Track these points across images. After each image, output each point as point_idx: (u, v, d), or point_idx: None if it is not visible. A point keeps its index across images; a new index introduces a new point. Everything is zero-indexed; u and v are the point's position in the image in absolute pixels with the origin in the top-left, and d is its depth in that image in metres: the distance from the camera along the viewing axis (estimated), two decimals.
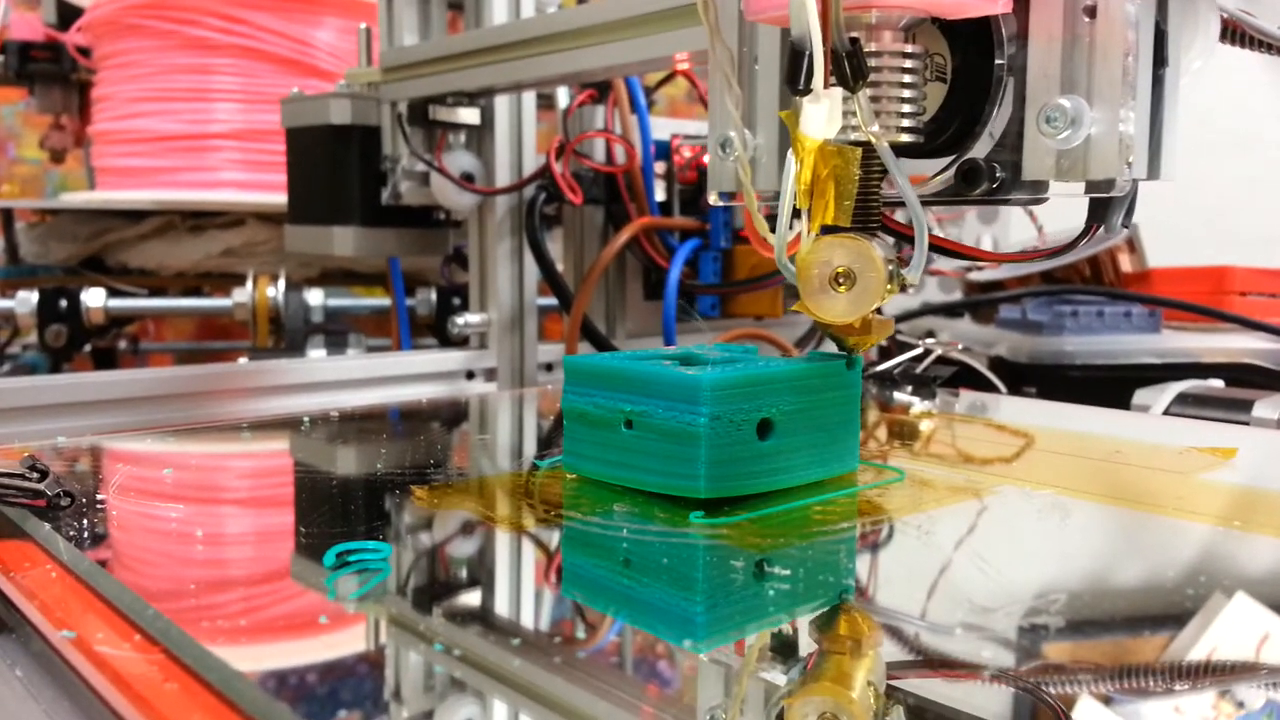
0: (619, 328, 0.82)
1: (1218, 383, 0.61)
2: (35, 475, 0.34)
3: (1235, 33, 0.35)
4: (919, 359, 0.64)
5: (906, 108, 0.34)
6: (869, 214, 0.34)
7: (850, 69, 0.30)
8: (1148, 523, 0.35)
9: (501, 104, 0.75)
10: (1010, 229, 1.12)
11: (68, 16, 1.26)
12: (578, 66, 0.61)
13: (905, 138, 0.34)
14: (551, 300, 0.81)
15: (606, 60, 0.59)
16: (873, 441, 0.47)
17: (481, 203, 0.76)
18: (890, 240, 0.34)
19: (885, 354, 0.71)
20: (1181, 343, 0.79)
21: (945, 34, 0.34)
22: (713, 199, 0.40)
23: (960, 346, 0.66)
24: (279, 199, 0.93)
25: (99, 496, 0.36)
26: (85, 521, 0.33)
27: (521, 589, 0.31)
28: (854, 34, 0.32)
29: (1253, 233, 1.42)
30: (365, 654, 0.26)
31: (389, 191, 0.75)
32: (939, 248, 0.37)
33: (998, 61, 0.34)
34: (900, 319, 0.90)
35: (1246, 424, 0.53)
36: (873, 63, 0.33)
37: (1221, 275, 0.91)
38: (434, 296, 1.09)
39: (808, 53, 0.30)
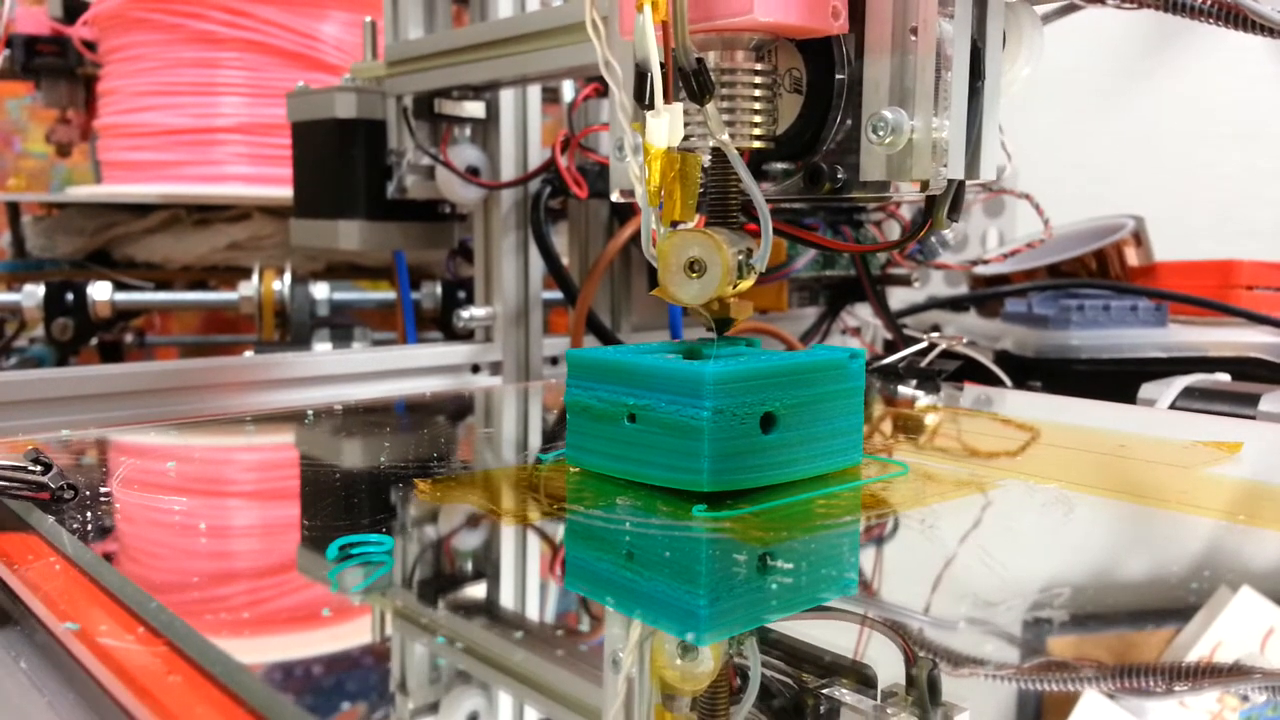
0: (624, 321, 0.82)
1: (1224, 377, 0.60)
2: (39, 468, 0.34)
3: (1236, 17, 0.35)
4: (924, 353, 0.64)
5: (757, 118, 0.38)
6: (728, 210, 0.38)
7: (697, 85, 0.34)
8: (1153, 517, 0.35)
9: (506, 98, 0.75)
10: (1017, 223, 1.12)
11: (74, 10, 1.26)
12: (583, 60, 0.61)
13: (757, 144, 0.38)
14: (557, 294, 0.81)
15: None
16: (877, 435, 0.47)
17: (487, 197, 0.75)
18: (747, 235, 0.38)
19: (891, 348, 0.71)
20: (1187, 337, 0.78)
21: (800, 51, 0.38)
22: (614, 196, 0.43)
23: (965, 340, 0.66)
24: (285, 193, 0.93)
25: (103, 489, 0.36)
26: (89, 514, 0.33)
27: (524, 582, 0.31)
28: (701, 54, 0.35)
29: (1259, 226, 1.42)
30: (368, 647, 0.26)
31: (394, 185, 0.75)
32: (787, 235, 0.42)
33: (838, 76, 0.37)
34: (905, 313, 0.90)
35: (1253, 418, 0.53)
36: (725, 78, 0.37)
37: (1228, 269, 0.91)
38: (439, 290, 1.09)
39: (649, 72, 0.34)
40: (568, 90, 0.90)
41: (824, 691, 0.22)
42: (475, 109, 0.75)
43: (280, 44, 1.13)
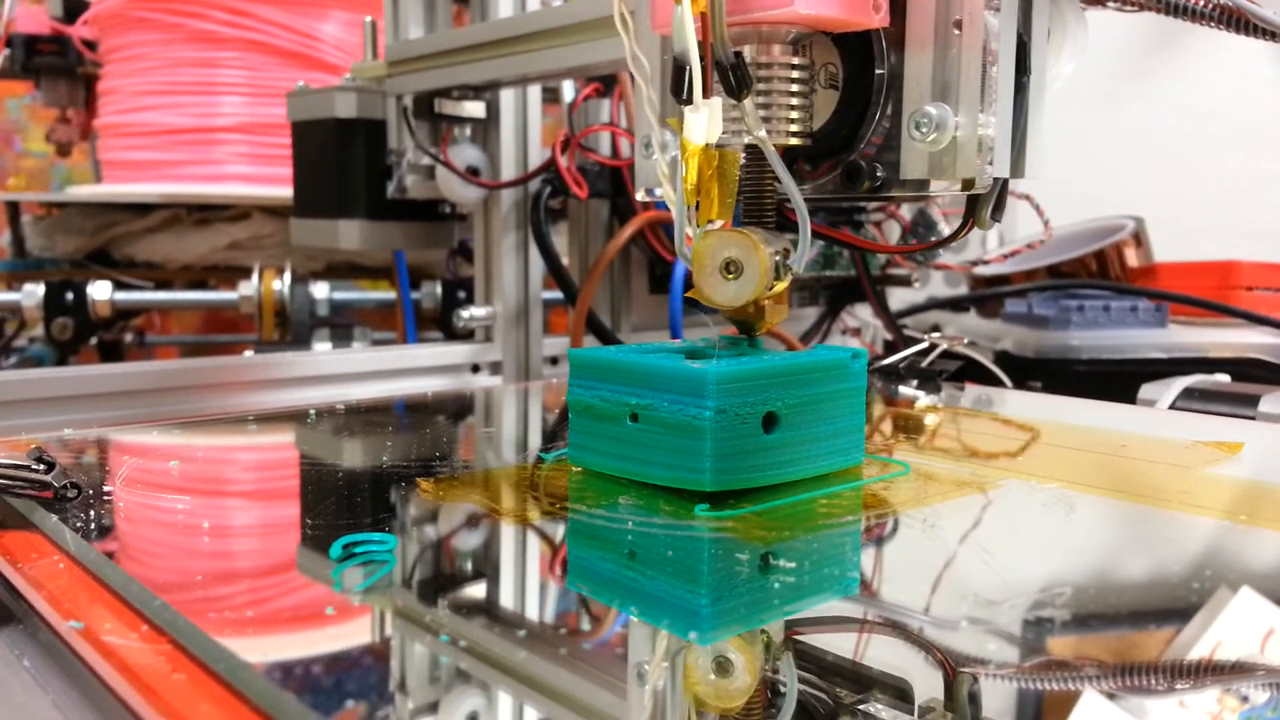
0: (624, 321, 0.82)
1: (1224, 377, 0.61)
2: (42, 467, 0.34)
3: (1236, 20, 0.35)
4: (924, 353, 0.64)
5: (795, 114, 0.37)
6: (763, 210, 0.37)
7: (735, 80, 0.33)
8: (1153, 517, 0.35)
9: (507, 97, 0.75)
10: (1017, 224, 1.12)
11: (74, 10, 1.27)
12: (583, 60, 0.61)
13: (794, 141, 0.37)
14: (556, 294, 0.81)
15: (612, 53, 0.59)
16: (878, 435, 0.47)
17: (487, 196, 0.76)
18: (783, 235, 0.37)
19: (891, 348, 0.71)
20: (1187, 337, 0.78)
21: (837, 45, 0.37)
22: (640, 195, 0.42)
23: (966, 341, 0.66)
24: (285, 192, 0.93)
25: (105, 488, 0.36)
26: (92, 513, 0.33)
27: (527, 581, 0.31)
28: (740, 48, 0.35)
29: (1259, 227, 1.42)
30: (371, 645, 0.26)
31: (394, 185, 0.75)
32: (824, 236, 0.42)
33: (878, 71, 0.36)
34: (906, 313, 0.90)
35: (1252, 419, 0.53)
36: (762, 73, 0.36)
37: (1228, 270, 0.91)
38: (439, 290, 1.09)
39: (688, 66, 0.33)
40: (568, 90, 0.90)
41: (860, 707, 0.22)
42: (475, 109, 0.75)
43: (280, 44, 1.13)
